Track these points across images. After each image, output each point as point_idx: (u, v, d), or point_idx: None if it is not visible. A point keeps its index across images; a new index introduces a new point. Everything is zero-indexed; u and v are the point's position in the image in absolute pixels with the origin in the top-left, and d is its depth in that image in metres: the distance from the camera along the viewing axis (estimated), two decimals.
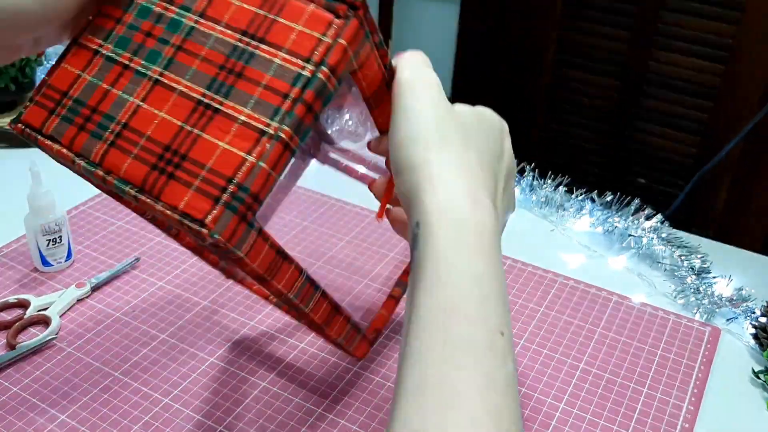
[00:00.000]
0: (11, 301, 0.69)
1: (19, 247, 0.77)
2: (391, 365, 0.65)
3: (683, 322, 0.72)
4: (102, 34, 0.45)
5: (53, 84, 0.45)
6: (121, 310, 0.70)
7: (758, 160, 1.76)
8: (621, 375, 0.66)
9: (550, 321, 0.72)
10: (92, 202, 0.86)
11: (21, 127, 0.45)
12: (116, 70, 0.44)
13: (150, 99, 0.42)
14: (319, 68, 0.40)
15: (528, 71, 2.04)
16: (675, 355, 0.68)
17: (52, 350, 0.65)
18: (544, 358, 0.67)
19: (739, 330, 0.72)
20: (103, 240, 0.79)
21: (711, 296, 0.74)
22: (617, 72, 1.88)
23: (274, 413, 0.60)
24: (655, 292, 0.77)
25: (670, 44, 1.78)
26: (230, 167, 0.39)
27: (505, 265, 0.79)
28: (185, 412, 0.60)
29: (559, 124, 2.04)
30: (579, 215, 0.87)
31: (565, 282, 0.77)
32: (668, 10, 1.76)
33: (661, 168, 1.91)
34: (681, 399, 0.63)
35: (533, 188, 0.91)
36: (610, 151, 1.98)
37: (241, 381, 0.63)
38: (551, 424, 0.60)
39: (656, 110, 1.87)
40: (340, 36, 0.40)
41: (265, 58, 0.41)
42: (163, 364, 0.64)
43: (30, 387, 0.61)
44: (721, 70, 1.74)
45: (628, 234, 0.83)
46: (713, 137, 1.80)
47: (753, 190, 1.79)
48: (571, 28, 1.92)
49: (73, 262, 0.76)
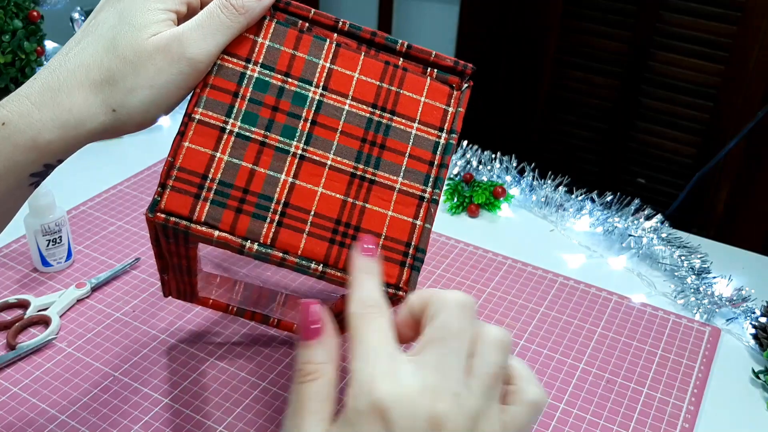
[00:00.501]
0: (11, 302, 0.69)
1: (19, 248, 0.77)
2: None
3: (683, 322, 0.72)
4: (221, 109, 0.45)
5: (186, 167, 0.43)
6: (121, 311, 0.70)
7: (758, 161, 1.76)
8: (621, 375, 0.66)
9: (550, 321, 0.72)
10: (92, 202, 0.86)
11: (163, 217, 0.43)
12: (254, 147, 0.44)
13: (302, 175, 0.44)
14: (450, 135, 0.47)
15: (528, 71, 2.04)
16: (675, 355, 0.68)
17: (52, 350, 0.65)
18: (544, 358, 0.67)
19: (739, 330, 0.72)
20: (103, 240, 0.79)
21: (711, 296, 0.74)
22: (617, 72, 1.88)
23: (275, 413, 0.60)
24: (655, 292, 0.77)
25: (670, 44, 1.78)
26: (404, 233, 0.44)
27: (505, 265, 0.79)
28: (185, 412, 0.60)
29: (559, 124, 2.04)
30: (579, 215, 0.87)
31: (565, 282, 0.77)
32: (668, 10, 1.76)
33: (661, 168, 1.92)
34: (681, 399, 0.63)
35: (533, 188, 0.91)
36: (610, 151, 1.98)
37: (241, 381, 0.63)
38: (551, 424, 0.60)
39: (656, 110, 1.87)
40: (460, 105, 0.48)
41: (402, 130, 0.47)
42: (162, 364, 0.64)
43: (30, 387, 0.61)
44: (721, 70, 1.74)
45: (628, 234, 0.83)
46: (713, 137, 1.81)
47: (753, 190, 1.79)
48: (572, 28, 1.92)
49: (73, 262, 0.76)
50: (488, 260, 0.80)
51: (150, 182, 0.90)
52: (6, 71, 0.95)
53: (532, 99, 2.05)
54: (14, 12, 0.94)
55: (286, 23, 0.47)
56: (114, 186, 0.89)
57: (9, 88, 0.96)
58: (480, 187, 0.88)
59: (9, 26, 0.93)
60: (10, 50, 0.94)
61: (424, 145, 0.46)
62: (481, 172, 0.93)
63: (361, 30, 0.48)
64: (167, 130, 1.03)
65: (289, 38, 0.46)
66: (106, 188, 0.89)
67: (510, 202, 0.89)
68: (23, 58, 0.95)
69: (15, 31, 0.93)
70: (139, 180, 0.91)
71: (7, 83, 0.95)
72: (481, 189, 0.88)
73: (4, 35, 0.93)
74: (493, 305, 0.73)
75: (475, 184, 0.89)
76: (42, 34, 0.98)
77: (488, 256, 0.81)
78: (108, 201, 0.86)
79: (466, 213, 0.88)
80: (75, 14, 0.98)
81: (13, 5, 0.93)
